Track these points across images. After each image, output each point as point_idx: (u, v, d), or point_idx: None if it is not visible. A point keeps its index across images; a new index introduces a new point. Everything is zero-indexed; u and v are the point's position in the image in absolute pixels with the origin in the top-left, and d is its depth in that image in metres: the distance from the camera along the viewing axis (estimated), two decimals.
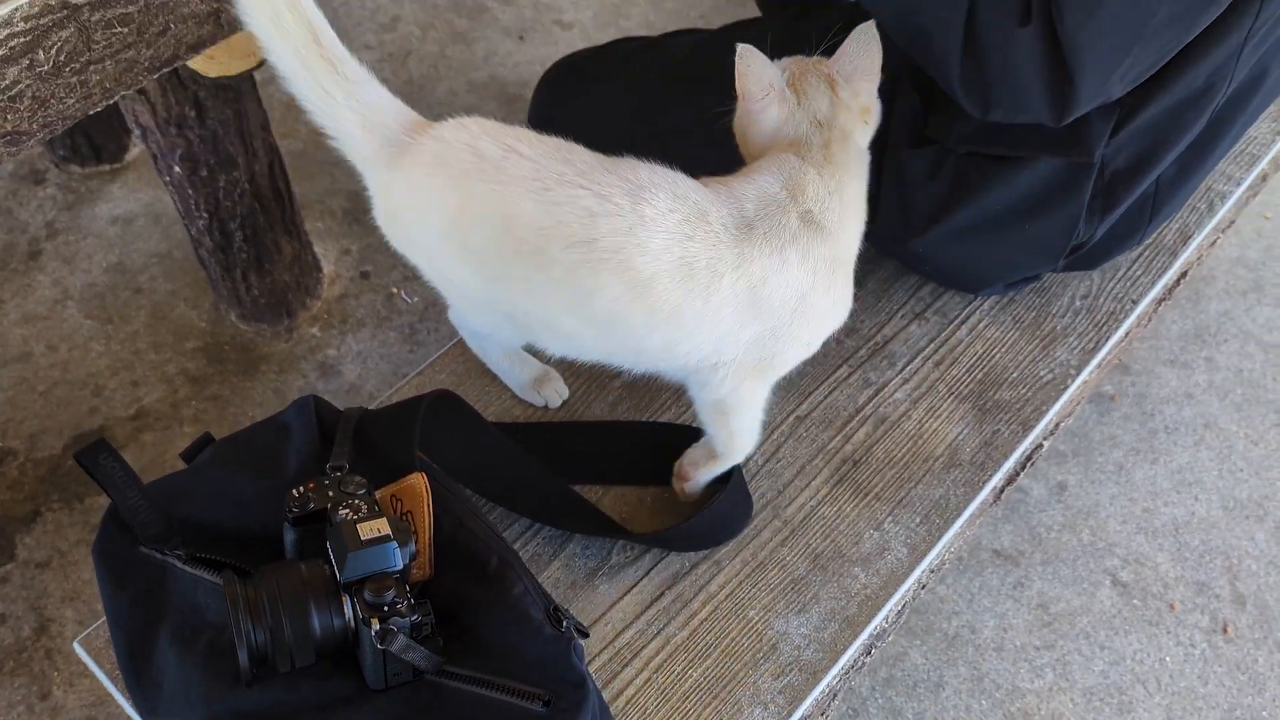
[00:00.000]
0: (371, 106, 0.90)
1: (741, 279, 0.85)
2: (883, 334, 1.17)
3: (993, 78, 0.89)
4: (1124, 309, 1.20)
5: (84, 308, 1.76)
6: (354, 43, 2.16)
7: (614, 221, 0.83)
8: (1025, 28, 0.85)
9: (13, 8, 0.85)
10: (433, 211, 0.89)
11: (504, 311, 0.95)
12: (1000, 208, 1.08)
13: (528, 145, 0.89)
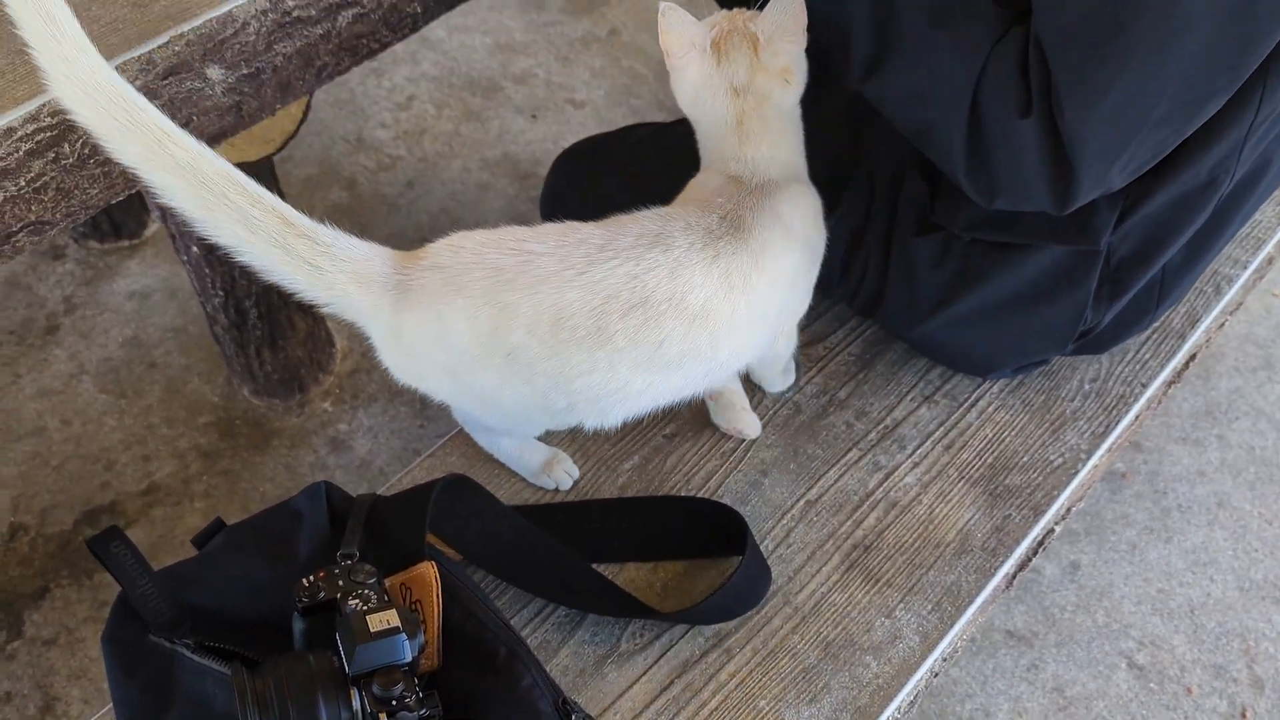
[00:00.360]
0: (357, 260, 0.89)
1: (763, 269, 0.93)
2: (892, 417, 1.18)
3: (996, 167, 0.91)
4: (1133, 392, 1.20)
5: (99, 382, 1.78)
6: (369, 120, 2.21)
7: (657, 274, 0.88)
8: (1026, 119, 0.86)
9: (40, 103, 0.87)
10: (462, 335, 0.89)
11: (556, 405, 0.94)
12: (1007, 295, 1.08)
13: (537, 241, 0.91)
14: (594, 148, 1.30)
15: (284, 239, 0.85)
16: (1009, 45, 0.87)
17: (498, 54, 2.37)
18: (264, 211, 0.84)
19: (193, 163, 0.81)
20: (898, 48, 0.92)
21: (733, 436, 1.15)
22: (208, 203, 0.82)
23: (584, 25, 2.44)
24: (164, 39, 0.93)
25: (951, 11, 0.89)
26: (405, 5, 1.10)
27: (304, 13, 1.01)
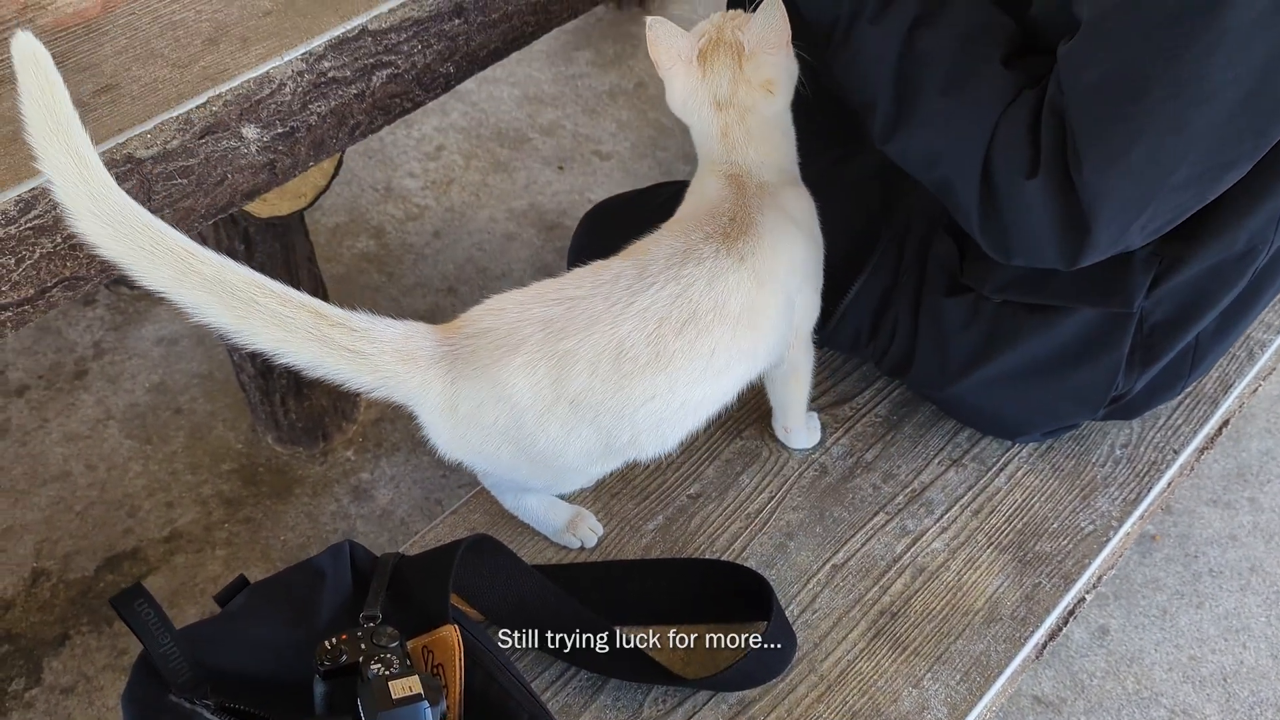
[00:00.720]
0: (398, 339, 0.89)
1: (781, 259, 0.97)
2: (920, 480, 1.16)
3: (1009, 226, 0.91)
4: (1165, 459, 1.18)
5: (125, 427, 1.79)
6: (398, 170, 2.23)
7: (698, 287, 0.92)
8: (1032, 179, 0.87)
9: None
10: (524, 393, 0.89)
11: (620, 441, 0.95)
12: (1038, 358, 1.08)
13: (574, 286, 0.94)
14: (620, 206, 1.31)
15: (319, 331, 0.85)
16: (1019, 109, 0.89)
17: (526, 105, 2.40)
18: (294, 309, 0.84)
19: (219, 276, 0.82)
20: (913, 112, 0.94)
21: (759, 496, 1.14)
22: (239, 311, 0.83)
23: (611, 78, 2.46)
24: (202, 99, 0.94)
25: (963, 78, 0.91)
26: (438, 65, 1.11)
27: (339, 73, 1.03)
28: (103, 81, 0.94)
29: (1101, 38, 0.83)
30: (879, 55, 0.94)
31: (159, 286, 0.81)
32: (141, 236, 0.79)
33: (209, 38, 0.98)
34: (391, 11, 1.03)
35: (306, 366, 0.87)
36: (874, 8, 0.94)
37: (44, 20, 0.99)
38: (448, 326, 0.93)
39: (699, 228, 0.96)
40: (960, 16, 0.92)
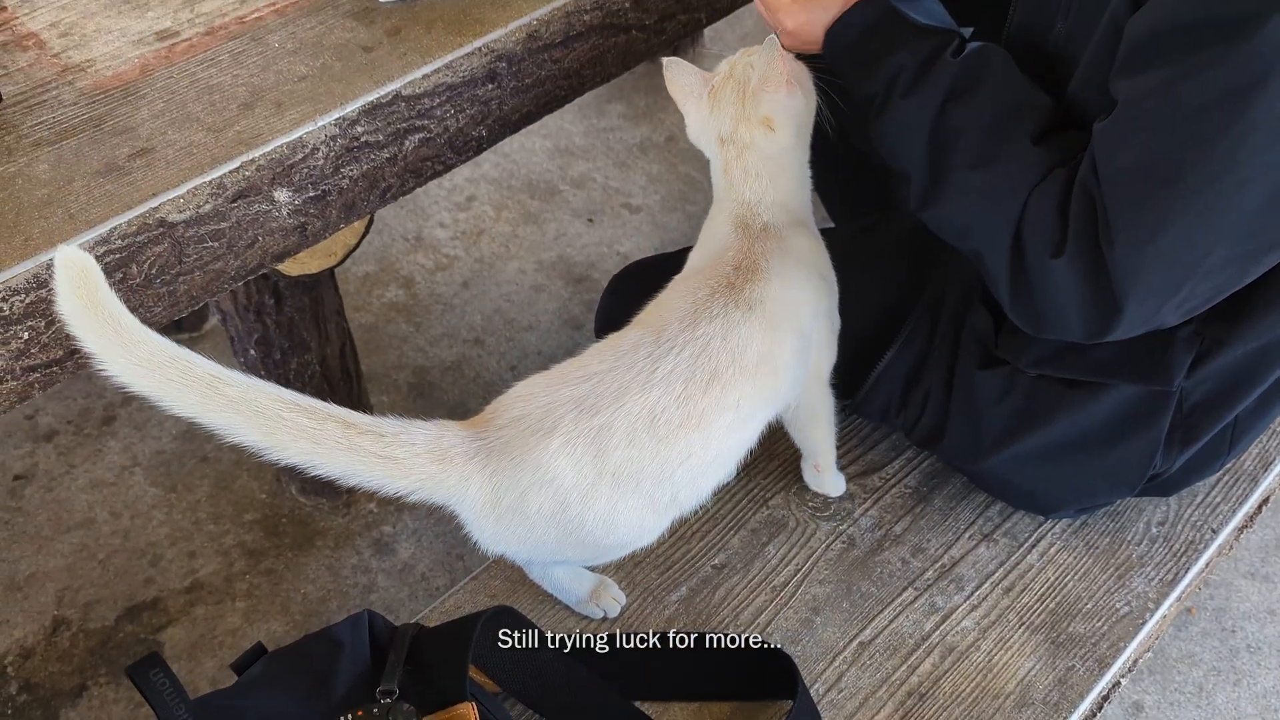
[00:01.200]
0: (430, 440, 0.88)
1: (790, 299, 0.98)
2: (950, 555, 1.14)
3: (1037, 301, 0.91)
4: (1203, 538, 1.15)
5: (150, 475, 1.79)
6: (429, 220, 2.24)
7: (715, 343, 0.92)
8: (1058, 259, 0.86)
9: (111, 226, 0.89)
10: (566, 474, 0.89)
11: (662, 502, 0.94)
12: (1073, 435, 1.05)
13: (597, 362, 0.93)
14: (649, 269, 1.30)
15: (349, 441, 0.84)
16: (1050, 186, 0.88)
17: (557, 157, 2.41)
18: (321, 420, 0.84)
19: (245, 396, 0.82)
20: (946, 185, 0.94)
21: (785, 568, 1.12)
22: (267, 428, 0.83)
23: (642, 131, 2.47)
24: (236, 164, 0.95)
25: (994, 155, 0.91)
26: (471, 129, 1.12)
27: (372, 138, 1.03)
28: (139, 145, 0.95)
29: (1136, 120, 0.82)
30: (912, 128, 0.95)
31: (188, 412, 0.82)
32: (170, 370, 0.80)
33: (244, 102, 0.99)
34: (425, 77, 1.04)
35: (341, 476, 0.86)
36: (907, 82, 0.95)
37: (84, 83, 1.00)
38: (476, 420, 0.92)
39: (705, 283, 0.97)
40: (993, 93, 0.92)
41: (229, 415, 0.82)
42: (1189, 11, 0.79)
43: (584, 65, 1.18)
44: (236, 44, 1.04)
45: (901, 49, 0.95)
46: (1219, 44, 0.77)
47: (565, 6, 1.11)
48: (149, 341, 0.80)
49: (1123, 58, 0.84)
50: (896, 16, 0.96)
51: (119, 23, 1.06)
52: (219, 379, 0.82)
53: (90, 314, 0.78)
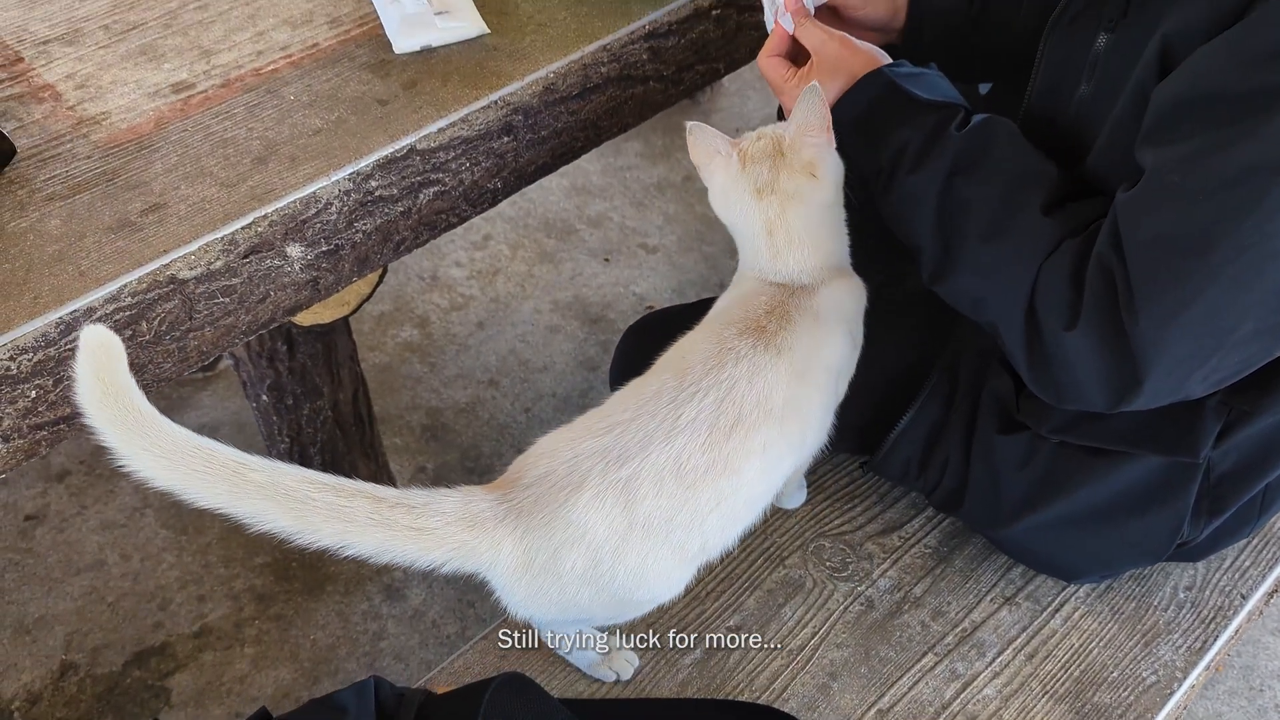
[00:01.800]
0: (458, 507, 0.87)
1: (820, 355, 0.96)
2: (971, 619, 1.11)
3: (1054, 372, 0.89)
4: (1232, 604, 1.12)
5: (161, 516, 1.78)
6: (445, 259, 2.24)
7: (740, 386, 0.91)
8: (1070, 331, 0.84)
9: (123, 283, 0.88)
10: (598, 528, 0.87)
11: (691, 551, 0.93)
12: (1097, 504, 1.03)
13: (619, 412, 0.92)
14: (664, 321, 1.28)
15: (381, 515, 0.83)
16: (1061, 259, 0.86)
17: (574, 196, 2.40)
18: (350, 497, 0.82)
19: (272, 480, 0.80)
20: (956, 259, 0.93)
21: (802, 631, 1.09)
22: (297, 511, 0.81)
23: (659, 171, 2.47)
24: (249, 219, 0.94)
25: (1004, 227, 0.90)
26: (486, 182, 1.11)
27: (386, 192, 1.02)
28: (151, 200, 0.94)
29: (1164, 191, 0.80)
30: (920, 202, 0.94)
31: (216, 503, 0.80)
32: (193, 460, 0.79)
33: (258, 156, 0.98)
34: (441, 131, 1.03)
35: (374, 553, 0.84)
36: (913, 157, 0.94)
37: (98, 136, 0.99)
38: (500, 483, 0.90)
39: (732, 324, 0.95)
40: (1000, 165, 0.92)
41: (258, 502, 0.80)
42: (1217, 83, 0.78)
43: (601, 117, 1.17)
44: (252, 96, 1.04)
45: (905, 124, 0.95)
46: (1249, 117, 0.75)
47: (582, 59, 1.10)
48: (170, 433, 0.78)
49: (1149, 126, 0.83)
50: (899, 92, 0.96)
51: (135, 75, 1.05)
52: (244, 465, 0.80)
53: (112, 402, 0.76)
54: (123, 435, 0.77)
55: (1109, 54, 0.91)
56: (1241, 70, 0.76)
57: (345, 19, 1.13)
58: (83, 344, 0.76)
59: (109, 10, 1.12)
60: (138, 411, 0.77)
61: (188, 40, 1.09)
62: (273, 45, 1.09)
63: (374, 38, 1.11)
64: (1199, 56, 0.80)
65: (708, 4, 1.19)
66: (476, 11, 1.13)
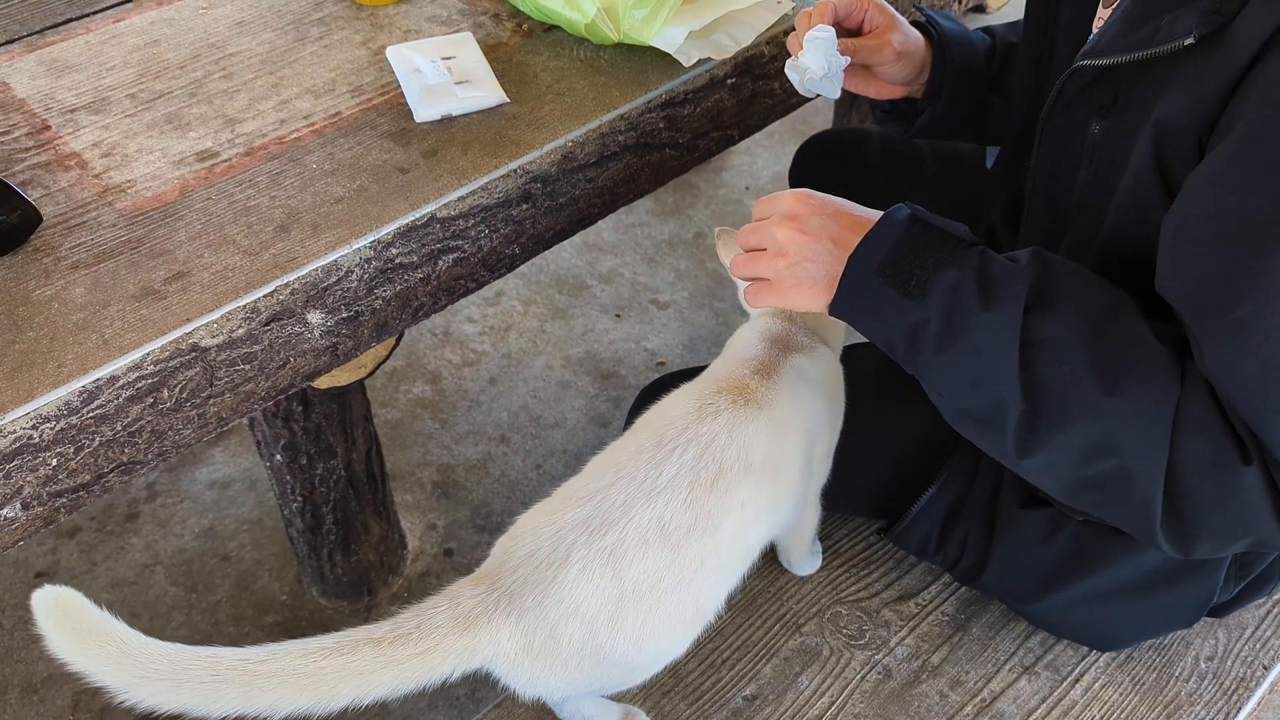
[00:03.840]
0: (449, 613, 0.85)
1: (801, 413, 0.97)
2: (989, 689, 1.10)
3: (1200, 516, 0.79)
4: (1255, 675, 1.11)
5: (171, 574, 1.77)
6: (457, 315, 2.25)
7: (720, 441, 0.91)
8: (1249, 465, 0.76)
9: (145, 352, 0.89)
10: (590, 601, 0.87)
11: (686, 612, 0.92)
12: (1127, 579, 1.01)
13: (597, 479, 0.92)
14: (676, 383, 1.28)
15: (386, 656, 0.82)
16: (1196, 387, 0.78)
17: (586, 253, 2.42)
18: (354, 652, 0.81)
19: (280, 668, 0.79)
20: (1065, 419, 0.78)
21: (819, 700, 1.08)
22: (311, 685, 0.80)
23: (670, 227, 2.48)
24: (270, 288, 0.95)
25: (1122, 371, 0.78)
26: (504, 248, 1.12)
27: (406, 259, 1.03)
28: (175, 268, 0.95)
29: (1236, 329, 0.75)
30: (997, 349, 0.79)
31: (231, 708, 0.77)
32: (196, 671, 0.77)
33: (280, 224, 0.99)
34: (461, 199, 1.04)
35: (390, 693, 0.83)
36: (976, 296, 0.80)
37: (123, 204, 1.01)
38: (485, 571, 0.90)
39: (714, 383, 0.97)
40: (1076, 295, 0.81)
41: (273, 692, 0.78)
42: (1250, 197, 0.74)
43: (617, 184, 1.18)
44: (275, 164, 1.05)
45: (950, 263, 0.81)
46: None
47: (600, 128, 1.12)
48: (165, 651, 0.77)
49: (1163, 263, 0.80)
50: (930, 227, 0.84)
51: (160, 143, 1.07)
52: (248, 660, 0.78)
53: (92, 645, 0.75)
54: (116, 671, 0.76)
55: (1104, 140, 0.90)
56: (1264, 183, 0.73)
57: (367, 88, 1.15)
58: (37, 610, 0.75)
59: (135, 79, 1.14)
60: (122, 642, 0.76)
61: (212, 109, 1.11)
62: (296, 114, 1.11)
63: (395, 106, 1.12)
64: (1214, 169, 0.77)
65: (723, 73, 1.21)
66: (496, 81, 1.14)
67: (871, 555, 1.21)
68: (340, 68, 1.17)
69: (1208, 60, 0.78)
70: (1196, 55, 0.79)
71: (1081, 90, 0.91)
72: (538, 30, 1.24)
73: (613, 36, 1.17)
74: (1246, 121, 0.75)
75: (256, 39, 1.21)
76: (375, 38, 1.22)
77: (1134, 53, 0.83)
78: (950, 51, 1.13)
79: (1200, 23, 0.77)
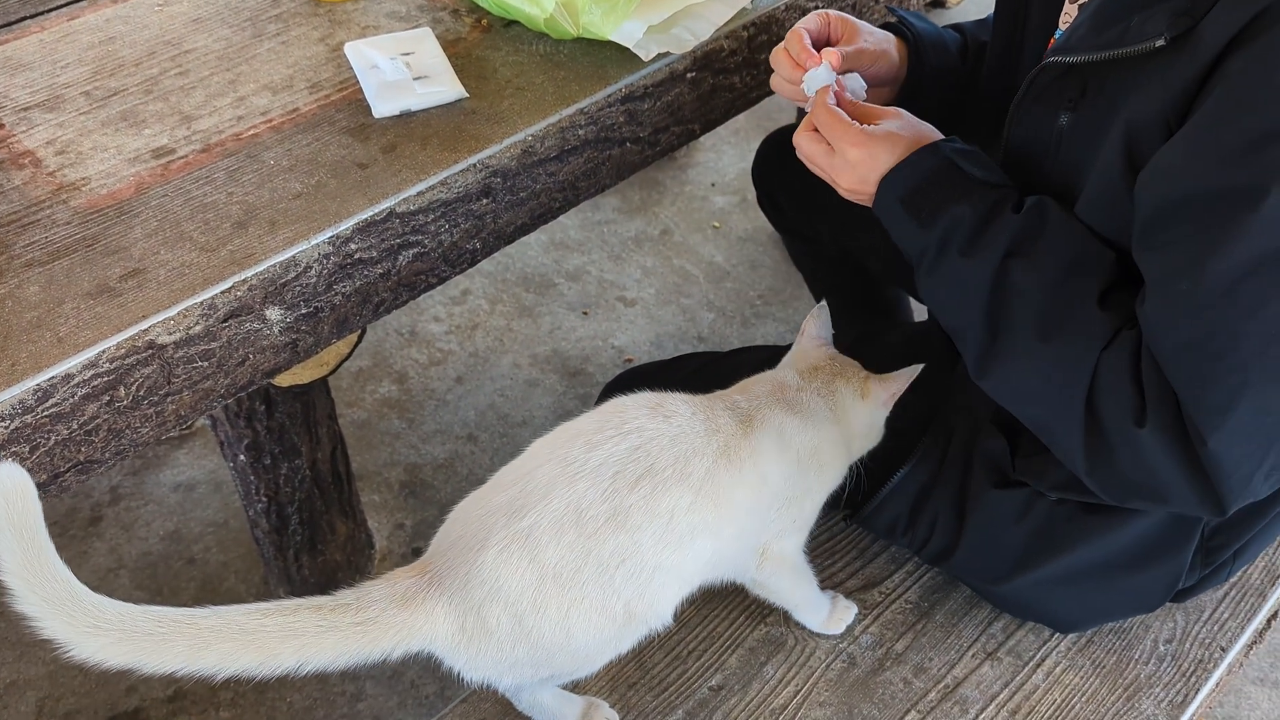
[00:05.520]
0: (387, 589, 0.88)
1: (759, 464, 0.96)
2: (953, 675, 1.11)
3: (1125, 471, 0.85)
4: (1212, 656, 1.13)
5: (135, 577, 1.75)
6: (423, 314, 2.24)
7: (660, 442, 0.91)
8: (1143, 428, 0.81)
9: (101, 349, 0.88)
10: (511, 584, 0.87)
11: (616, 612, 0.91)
12: (1096, 561, 1.03)
13: (532, 459, 0.93)
14: (643, 377, 1.29)
15: (329, 621, 0.85)
16: (1120, 353, 0.84)
17: (552, 251, 2.42)
18: (295, 614, 0.85)
19: (224, 624, 0.82)
20: (1007, 348, 0.89)
21: (784, 690, 1.09)
22: (257, 643, 0.82)
23: (637, 224, 2.49)
24: (228, 284, 0.94)
25: (1062, 318, 0.86)
26: (465, 243, 1.12)
27: (365, 254, 1.03)
28: (131, 265, 0.94)
29: (1177, 300, 0.79)
30: (970, 285, 0.90)
31: (179, 663, 0.80)
32: (144, 624, 0.79)
33: (238, 221, 0.99)
34: (420, 194, 1.04)
35: (332, 661, 0.86)
36: (966, 238, 0.90)
37: (78, 202, 1.00)
38: (421, 560, 0.92)
39: (687, 399, 0.97)
40: (1056, 249, 0.88)
41: (218, 648, 0.81)
42: (1192, 184, 0.77)
43: (578, 178, 1.18)
44: (232, 161, 1.05)
45: (961, 201, 0.91)
46: (1233, 215, 0.75)
47: (560, 122, 1.12)
48: (113, 606, 0.79)
49: (1139, 229, 0.83)
50: (955, 169, 0.93)
51: (115, 140, 1.06)
52: (194, 616, 0.81)
53: (39, 582, 0.76)
54: (68, 621, 0.77)
55: (1071, 132, 0.91)
56: (1211, 169, 0.76)
57: (325, 84, 1.14)
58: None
59: (90, 77, 1.13)
60: (75, 598, 0.77)
61: (168, 106, 1.10)
62: (253, 110, 1.10)
63: (354, 102, 1.12)
64: (1170, 153, 0.80)
65: (682, 68, 1.21)
66: (455, 76, 1.14)
67: (835, 545, 1.22)
68: (298, 64, 1.17)
69: (1175, 60, 0.80)
70: (1165, 55, 0.81)
71: (1050, 84, 0.93)
72: (497, 25, 1.24)
73: (572, 31, 1.17)
74: (1200, 113, 0.78)
75: (213, 36, 1.20)
76: (333, 34, 1.21)
77: (1104, 51, 0.85)
78: (925, 53, 1.14)
79: (1170, 24, 0.79)
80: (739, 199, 2.55)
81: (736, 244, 2.44)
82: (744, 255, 2.41)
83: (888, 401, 1.05)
